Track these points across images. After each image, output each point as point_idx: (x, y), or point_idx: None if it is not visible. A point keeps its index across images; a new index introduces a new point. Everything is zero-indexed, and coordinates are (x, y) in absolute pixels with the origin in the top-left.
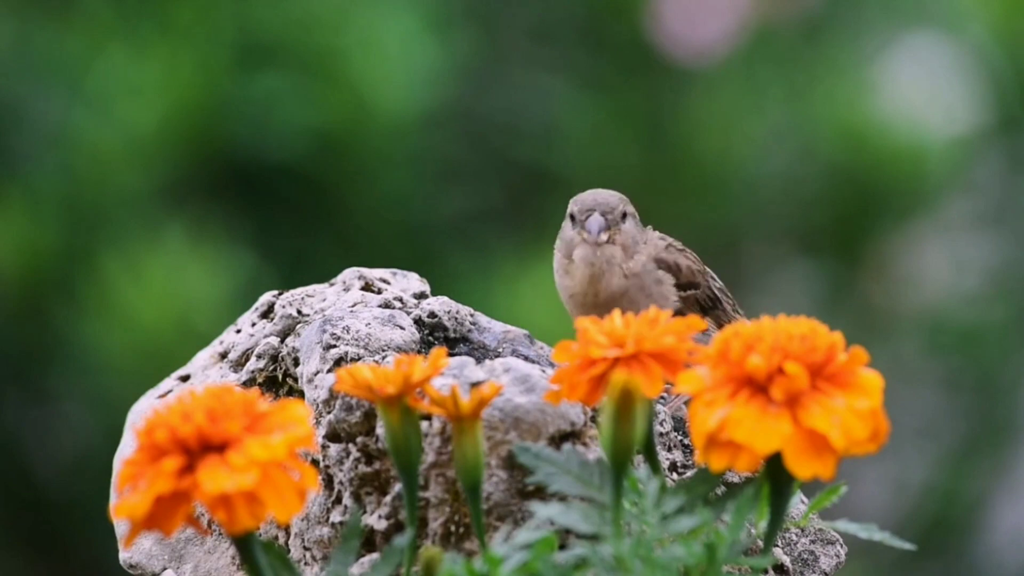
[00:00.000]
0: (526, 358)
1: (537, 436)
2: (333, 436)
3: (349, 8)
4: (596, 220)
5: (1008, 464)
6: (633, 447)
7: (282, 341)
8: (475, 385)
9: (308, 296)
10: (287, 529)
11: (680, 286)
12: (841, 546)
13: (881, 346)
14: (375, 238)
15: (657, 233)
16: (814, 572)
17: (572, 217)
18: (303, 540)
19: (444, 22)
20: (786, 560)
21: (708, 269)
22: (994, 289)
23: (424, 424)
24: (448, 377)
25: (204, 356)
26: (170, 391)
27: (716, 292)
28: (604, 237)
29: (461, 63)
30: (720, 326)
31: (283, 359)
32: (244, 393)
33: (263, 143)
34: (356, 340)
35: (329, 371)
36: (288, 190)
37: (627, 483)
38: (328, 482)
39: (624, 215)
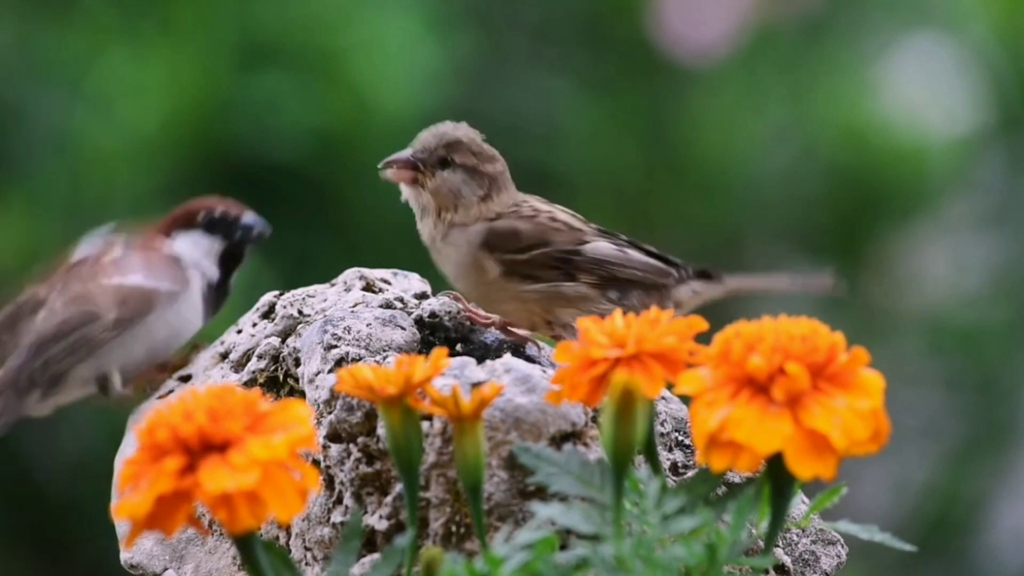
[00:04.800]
0: (527, 358)
1: (538, 436)
2: (334, 436)
3: (350, 9)
4: (401, 152)
5: (1009, 465)
6: (634, 447)
7: (283, 341)
8: (476, 385)
9: (309, 296)
10: (288, 529)
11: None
12: (842, 546)
13: (882, 346)
14: (376, 238)
15: (528, 197)
16: (815, 572)
17: None
18: (304, 540)
19: (445, 22)
20: (787, 560)
21: (580, 224)
22: (995, 289)
23: (425, 424)
24: (449, 377)
25: (205, 356)
26: (171, 391)
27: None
28: (392, 168)
29: (462, 63)
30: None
31: (284, 359)
32: (245, 393)
33: (265, 144)
34: (357, 340)
35: (330, 371)
36: (289, 191)
37: (628, 483)
38: (329, 482)
39: (444, 160)
